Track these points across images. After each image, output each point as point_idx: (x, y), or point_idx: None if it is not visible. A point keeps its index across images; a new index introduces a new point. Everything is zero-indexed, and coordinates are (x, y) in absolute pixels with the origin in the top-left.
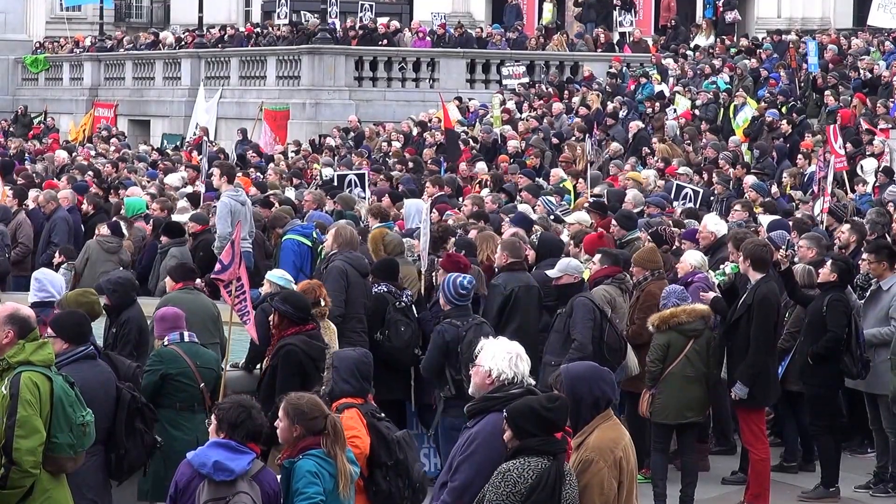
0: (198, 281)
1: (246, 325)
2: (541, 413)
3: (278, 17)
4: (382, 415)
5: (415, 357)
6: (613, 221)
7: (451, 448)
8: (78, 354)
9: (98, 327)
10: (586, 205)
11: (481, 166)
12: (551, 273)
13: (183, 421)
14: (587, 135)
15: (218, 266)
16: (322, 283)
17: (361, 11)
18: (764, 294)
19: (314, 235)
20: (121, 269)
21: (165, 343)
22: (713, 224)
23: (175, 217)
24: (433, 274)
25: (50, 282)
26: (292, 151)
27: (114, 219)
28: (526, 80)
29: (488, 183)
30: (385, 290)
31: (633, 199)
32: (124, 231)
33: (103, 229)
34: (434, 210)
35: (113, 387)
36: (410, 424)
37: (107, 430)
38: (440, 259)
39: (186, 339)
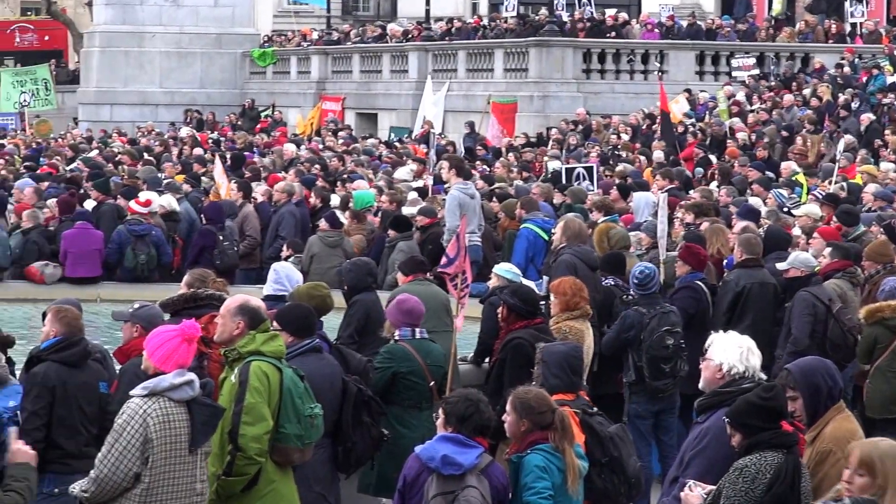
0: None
1: (456, 317)
2: (761, 404)
3: (506, 9)
4: (595, 409)
5: None
6: (834, 217)
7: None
8: (304, 347)
9: (331, 321)
10: (820, 197)
11: None
12: (780, 266)
13: (410, 418)
14: (818, 127)
15: (444, 259)
16: None
17: (589, 3)
18: None
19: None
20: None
21: (396, 337)
22: None
23: (405, 210)
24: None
25: (287, 276)
26: (520, 144)
27: (331, 211)
28: (756, 71)
29: (715, 175)
30: (613, 283)
31: (875, 192)
32: (343, 221)
33: (322, 224)
34: None
35: (339, 380)
36: None
37: (334, 422)
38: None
39: (418, 336)
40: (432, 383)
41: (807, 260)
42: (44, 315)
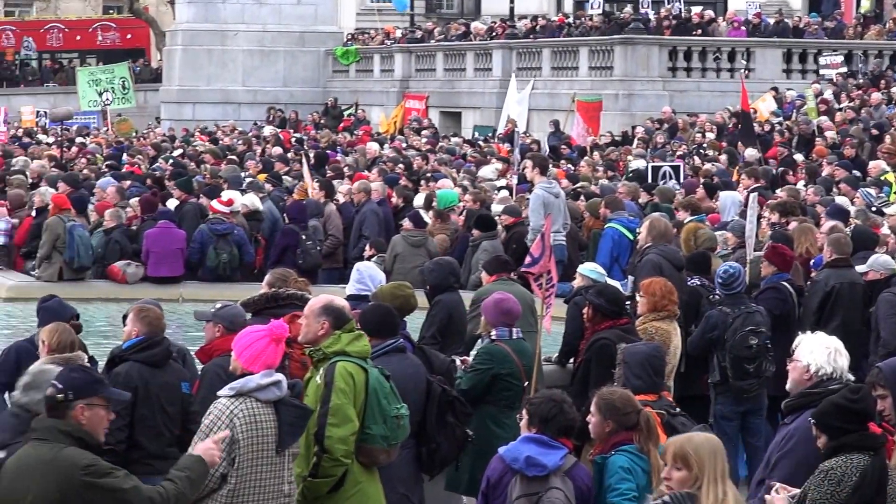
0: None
1: (543, 319)
2: (848, 406)
3: (591, 6)
4: (678, 410)
5: None
6: None
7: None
8: (387, 347)
9: (415, 321)
10: None
11: None
12: (860, 269)
13: (505, 419)
14: None
15: (528, 259)
16: None
17: (677, 0)
18: None
19: (637, 230)
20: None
21: (493, 337)
22: None
23: (494, 208)
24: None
25: (370, 276)
26: (605, 143)
27: (415, 211)
28: (843, 69)
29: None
30: (699, 283)
31: None
32: (427, 220)
33: (406, 223)
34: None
35: (423, 380)
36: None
37: (418, 423)
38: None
39: (514, 336)
40: (526, 384)
41: (886, 262)
42: (124, 317)
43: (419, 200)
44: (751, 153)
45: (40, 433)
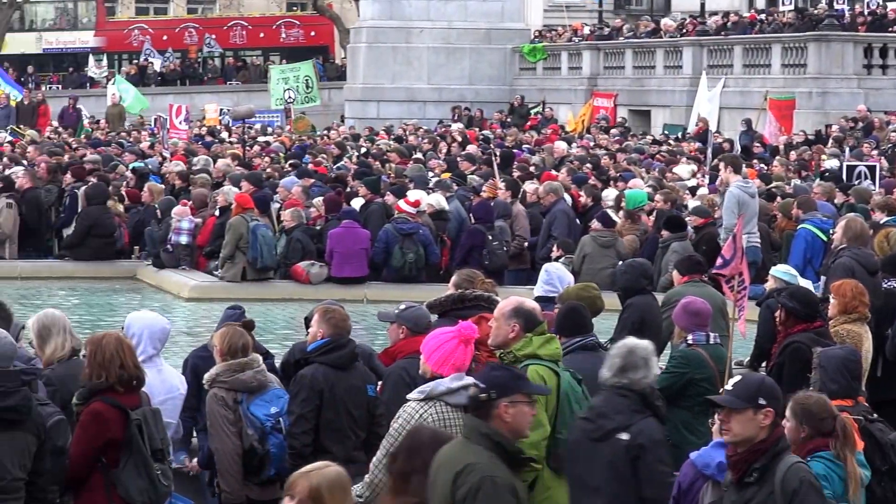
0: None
1: (737, 322)
2: None
3: (783, 3)
4: (875, 416)
5: None
6: None
7: None
8: (574, 344)
9: (603, 323)
10: None
11: None
12: None
13: (698, 425)
14: None
15: (719, 261)
16: None
17: None
18: None
19: (831, 231)
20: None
21: (689, 341)
22: None
23: (691, 203)
24: None
25: (559, 277)
26: (798, 142)
27: (603, 211)
28: None
29: None
30: (895, 286)
31: None
32: (616, 219)
33: (595, 223)
34: None
35: None
36: None
37: None
38: None
39: (712, 340)
40: (722, 390)
41: None
42: (307, 319)
43: (609, 200)
44: None
45: (466, 431)
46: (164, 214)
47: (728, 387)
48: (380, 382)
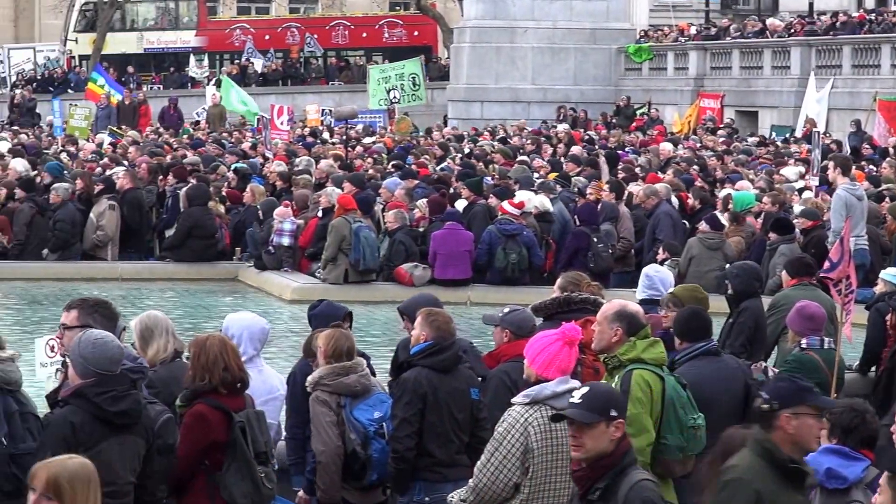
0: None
1: (843, 325)
2: None
3: (893, 2)
4: None
5: None
6: None
7: None
8: (696, 351)
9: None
10: None
11: None
12: None
13: None
14: None
15: (827, 264)
16: None
17: None
18: None
19: None
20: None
21: (804, 346)
22: None
23: (796, 209)
24: None
25: (661, 280)
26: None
27: (711, 213)
28: None
29: None
30: None
31: None
32: (724, 223)
33: (702, 226)
34: None
35: (740, 385)
36: None
37: None
38: None
39: (826, 345)
40: (834, 396)
41: None
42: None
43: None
44: None
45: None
46: (266, 216)
47: (575, 399)
48: None
